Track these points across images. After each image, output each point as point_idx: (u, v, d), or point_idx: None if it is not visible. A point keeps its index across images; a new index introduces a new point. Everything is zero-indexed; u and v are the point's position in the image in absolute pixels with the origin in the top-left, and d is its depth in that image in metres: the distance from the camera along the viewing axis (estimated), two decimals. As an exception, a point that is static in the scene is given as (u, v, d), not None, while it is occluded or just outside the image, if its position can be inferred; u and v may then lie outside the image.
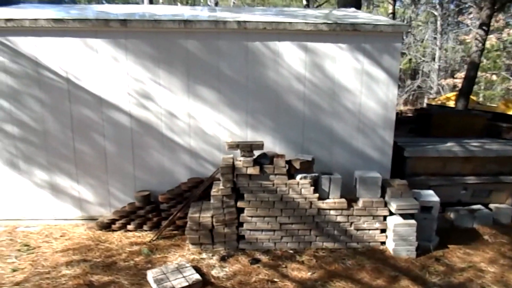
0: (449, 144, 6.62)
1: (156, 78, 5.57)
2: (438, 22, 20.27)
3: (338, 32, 5.52)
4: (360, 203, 5.18)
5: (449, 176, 6.24)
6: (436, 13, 20.49)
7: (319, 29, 5.45)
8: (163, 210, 5.65)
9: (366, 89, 5.71)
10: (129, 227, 5.61)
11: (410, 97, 21.12)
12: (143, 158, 5.76)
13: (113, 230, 5.60)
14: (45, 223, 5.84)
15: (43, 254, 4.95)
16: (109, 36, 5.44)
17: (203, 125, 5.73)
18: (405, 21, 21.44)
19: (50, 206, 5.86)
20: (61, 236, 5.48)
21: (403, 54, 20.70)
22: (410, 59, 21.04)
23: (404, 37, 21.04)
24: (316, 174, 5.19)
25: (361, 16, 6.48)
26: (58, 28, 5.35)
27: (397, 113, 12.07)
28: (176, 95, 5.64)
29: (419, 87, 20.85)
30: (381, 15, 16.27)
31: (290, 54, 5.58)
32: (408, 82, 21.49)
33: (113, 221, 5.62)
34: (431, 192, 5.48)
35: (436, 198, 5.30)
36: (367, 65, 5.65)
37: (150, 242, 5.31)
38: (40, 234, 5.54)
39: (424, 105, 17.43)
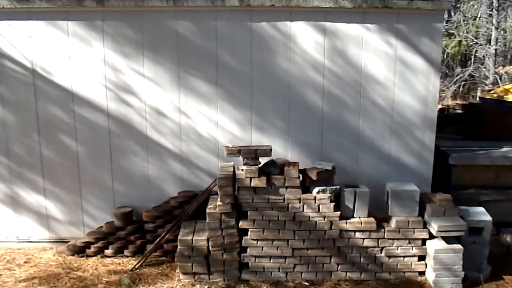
0: (505, 149, 6.55)
1: (140, 67, 5.61)
2: (494, -5, 20.05)
3: (364, 9, 5.51)
4: (392, 223, 5.16)
5: (504, 189, 6.17)
6: (491, -17, 20.24)
7: (340, 6, 5.45)
8: (148, 231, 5.67)
9: (401, 80, 5.72)
10: (107, 251, 5.63)
11: (460, 89, 20.91)
12: (124, 167, 5.81)
13: (88, 256, 5.62)
14: (6, 246, 5.89)
15: (4, 284, 4.96)
16: (82, 17, 5.47)
17: (197, 125, 5.77)
18: (452, -6, 21.22)
19: (12, 226, 5.90)
20: (25, 262, 5.48)
21: (451, 35, 20.53)
22: (460, 42, 20.84)
23: (452, 14, 20.89)
24: (338, 187, 5.19)
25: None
26: (22, 9, 5.38)
27: (442, 109, 11.95)
28: (163, 88, 5.67)
29: (471, 76, 20.56)
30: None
31: (304, 37, 5.60)
32: (458, 70, 21.24)
33: (87, 244, 5.64)
34: (481, 209, 5.42)
35: (488, 217, 5.24)
36: (401, 50, 5.65)
37: (132, 270, 5.31)
38: (0, 259, 5.57)
39: (477, 99, 17.23)
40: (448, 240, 5.04)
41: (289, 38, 5.58)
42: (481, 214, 5.28)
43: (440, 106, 13.70)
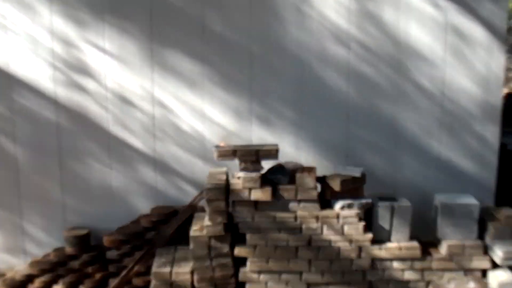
0: None
1: (99, 39, 5.65)
2: None
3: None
4: (443, 249, 5.16)
5: None
6: None
7: None
8: (111, 260, 5.69)
9: (453, 55, 5.74)
10: (56, 287, 5.60)
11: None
12: (78, 174, 5.84)
13: (31, 293, 5.68)
14: None
15: None
16: None
17: (177, 118, 5.82)
18: None
19: None
20: None
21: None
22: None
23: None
24: (369, 200, 5.22)
25: None
26: None
27: (510, 94, 11.89)
28: (131, 67, 5.71)
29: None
30: None
31: (323, -4, 5.78)
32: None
33: (29, 278, 5.62)
34: None
35: None
36: (454, 16, 5.67)
37: (89, 314, 5.38)
38: None
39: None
40: (517, 271, 5.15)
41: (302, -2, 5.74)
42: None
43: (506, 90, 13.61)
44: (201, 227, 5.09)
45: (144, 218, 5.71)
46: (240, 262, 5.14)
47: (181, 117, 5.79)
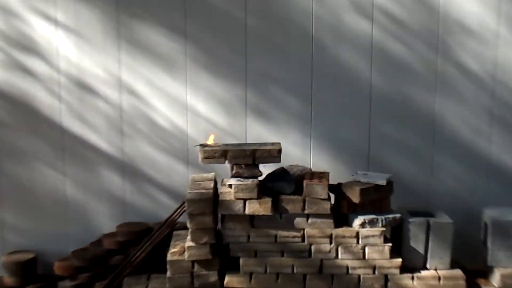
0: None
1: (49, 8, 5.63)
2: None
3: None
4: (495, 280, 5.14)
5: None
6: None
7: None
8: (63, 293, 5.66)
9: (509, 29, 5.73)
10: (-11, 330, 5.55)
11: None
12: (21, 182, 5.83)
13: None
14: None
15: None
16: None
17: (152, 109, 5.84)
18: None
19: None
20: None
21: None
22: None
23: None
24: (398, 215, 5.16)
25: None
26: None
27: None
28: (92, 44, 5.71)
29: None
30: None
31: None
32: None
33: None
34: None
35: None
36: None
37: None
38: None
39: None
40: None
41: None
42: None
43: None
44: (182, 249, 5.02)
45: (108, 238, 5.66)
46: (232, 294, 5.07)
47: (156, 108, 5.80)
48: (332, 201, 5.13)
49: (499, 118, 5.85)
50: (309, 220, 5.01)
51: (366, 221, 5.01)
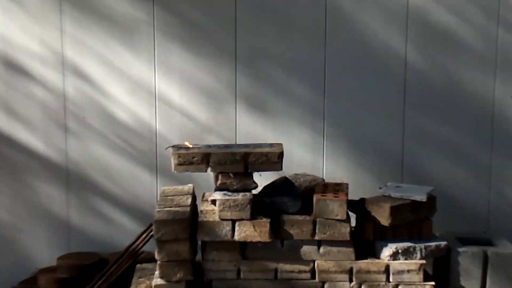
0: None
1: None
2: None
3: None
4: None
5: None
6: None
7: None
8: None
9: None
10: None
11: None
12: None
13: None
14: None
15: None
16: None
17: (106, 97, 5.95)
18: None
19: None
20: None
21: None
22: None
23: None
24: (443, 243, 5.08)
25: None
26: None
27: None
28: (25, 9, 5.82)
29: None
30: None
31: None
32: None
33: None
34: None
35: None
36: None
37: None
38: None
39: None
40: None
41: None
42: None
43: None
44: (148, 287, 5.04)
45: (45, 274, 5.58)
46: None
47: (113, 96, 5.86)
48: (353, 223, 5.10)
49: None
50: (322, 249, 4.96)
51: (400, 251, 4.94)
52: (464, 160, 5.81)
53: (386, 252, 5.01)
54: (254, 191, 5.07)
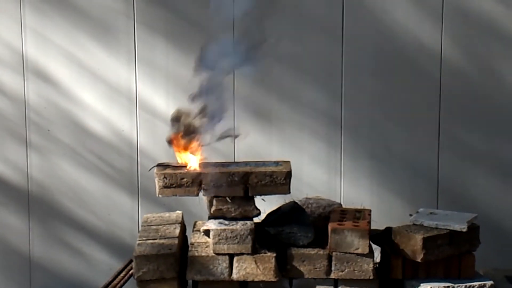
0: None
1: None
2: None
3: None
4: None
5: None
6: None
7: None
8: None
9: None
10: None
11: None
12: None
13: None
14: None
15: None
16: None
17: (77, 103, 6.05)
18: None
19: None
20: None
21: None
22: None
23: None
24: (489, 283, 4.98)
25: None
26: None
27: None
28: None
29: None
30: None
31: None
32: None
33: None
34: None
35: None
36: None
37: None
38: None
39: None
40: None
41: None
42: None
43: None
44: (127, 338, 4.86)
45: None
46: None
47: (85, 102, 5.85)
48: (377, 258, 5.01)
49: None
50: (340, 291, 4.81)
51: None
52: (509, 183, 5.69)
53: None
54: (256, 220, 4.99)
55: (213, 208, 4.90)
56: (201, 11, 5.69)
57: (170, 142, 5.18)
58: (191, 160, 5.20)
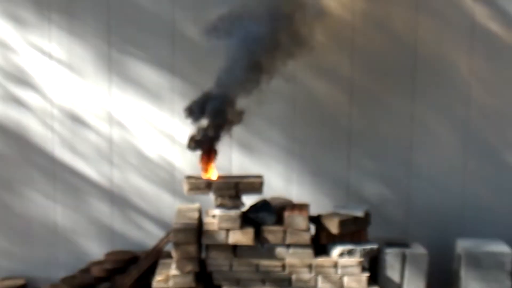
0: None
1: (44, 42, 5.62)
2: None
3: None
4: None
5: None
6: None
7: None
8: (52, 319, 5.66)
9: (481, 72, 5.72)
10: None
11: None
12: (12, 209, 5.80)
13: None
14: None
15: None
16: None
17: (140, 141, 5.81)
18: None
19: None
20: None
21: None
22: None
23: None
24: (375, 246, 5.15)
25: None
26: None
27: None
28: (84, 77, 5.68)
29: None
30: None
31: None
32: None
33: None
34: None
35: None
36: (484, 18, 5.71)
37: None
38: None
39: None
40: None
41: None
42: None
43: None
44: (167, 277, 4.99)
45: (96, 265, 5.60)
46: (215, 322, 5.20)
47: (145, 140, 5.78)
48: (312, 232, 5.13)
49: (471, 146, 5.80)
50: (290, 250, 5.00)
51: (345, 252, 5.00)
52: (390, 186, 5.80)
53: (336, 252, 5.06)
54: (242, 209, 5.09)
55: (217, 202, 5.04)
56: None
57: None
58: (208, 173, 5.27)
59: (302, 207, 5.15)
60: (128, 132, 5.75)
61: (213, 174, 5.31)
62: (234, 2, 5.39)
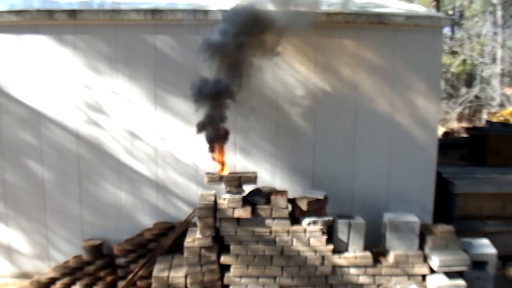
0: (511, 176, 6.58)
1: (113, 84, 5.63)
2: (498, 13, 20.24)
3: (359, 25, 5.57)
4: (390, 258, 5.13)
5: (510, 219, 6.14)
6: (494, 0, 20.50)
7: (332, 21, 5.53)
8: (119, 266, 5.60)
9: (399, 101, 5.72)
10: (74, 288, 5.62)
11: (466, 111, 20.96)
12: (93, 194, 5.78)
13: (53, 293, 5.60)
14: (-39, 280, 5.88)
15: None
16: (53, 31, 5.53)
17: (175, 149, 5.77)
18: (454, 11, 21.58)
19: (-31, 257, 5.97)
20: (-17, 300, 5.51)
21: (454, 53, 20.78)
22: (465, 60, 20.99)
23: (455, 31, 21.17)
24: (331, 218, 5.16)
25: (390, 4, 6.35)
26: (-14, 23, 5.57)
27: (446, 133, 11.99)
28: (139, 107, 5.69)
29: (476, 97, 20.67)
30: (421, 4, 16.26)
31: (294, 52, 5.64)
32: (463, 90, 21.34)
33: (52, 280, 5.53)
34: (486, 241, 5.43)
35: (492, 250, 5.25)
36: (399, 69, 5.69)
37: (101, 310, 5.28)
38: (-46, 295, 5.53)
39: (482, 122, 17.31)
40: (450, 275, 5.02)
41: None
42: (485, 247, 5.31)
43: (444, 129, 13.67)
44: (194, 239, 5.03)
45: (147, 231, 5.65)
46: (225, 268, 5.09)
47: (178, 148, 5.71)
48: (290, 209, 5.10)
49: (395, 157, 5.69)
50: (275, 221, 5.01)
51: (311, 222, 5.03)
52: (341, 179, 5.67)
53: (305, 222, 5.07)
54: (243, 194, 5.06)
55: (226, 190, 5.06)
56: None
57: (213, 159, 5.27)
58: (221, 170, 5.25)
59: (283, 192, 5.13)
60: (167, 143, 5.67)
61: (225, 171, 5.25)
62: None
